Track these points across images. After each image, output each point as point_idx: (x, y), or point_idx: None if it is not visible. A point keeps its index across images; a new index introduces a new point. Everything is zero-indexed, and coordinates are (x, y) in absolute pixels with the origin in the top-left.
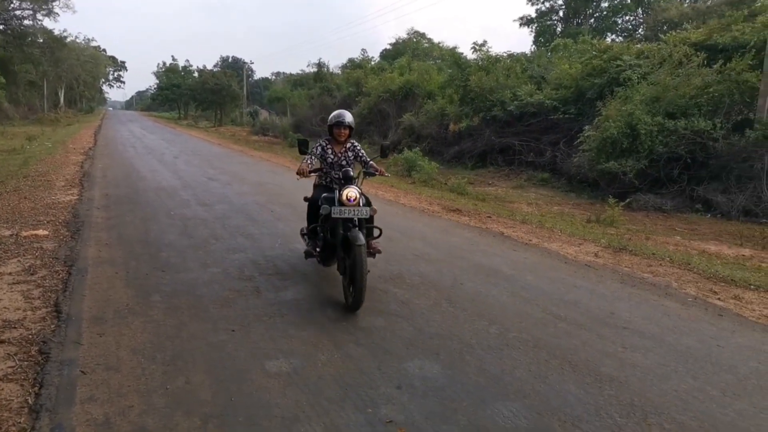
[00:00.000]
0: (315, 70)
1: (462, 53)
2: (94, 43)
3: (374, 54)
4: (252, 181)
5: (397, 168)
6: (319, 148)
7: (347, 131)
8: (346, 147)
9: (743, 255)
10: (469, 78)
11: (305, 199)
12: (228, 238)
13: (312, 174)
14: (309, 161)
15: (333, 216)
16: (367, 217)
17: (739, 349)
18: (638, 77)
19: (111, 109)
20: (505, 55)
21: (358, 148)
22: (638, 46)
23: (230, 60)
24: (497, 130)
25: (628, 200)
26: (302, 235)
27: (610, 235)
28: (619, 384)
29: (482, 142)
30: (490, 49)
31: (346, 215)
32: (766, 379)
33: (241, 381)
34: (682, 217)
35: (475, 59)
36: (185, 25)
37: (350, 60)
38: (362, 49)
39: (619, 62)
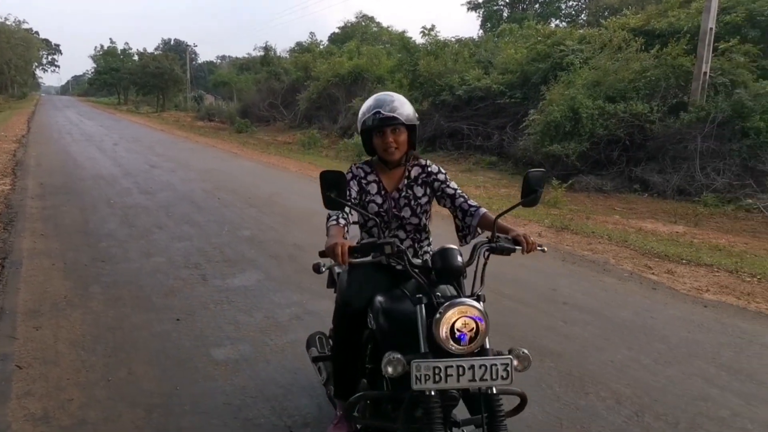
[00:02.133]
0: (262, 53)
1: (411, 38)
2: (25, 26)
3: (323, 38)
4: (198, 167)
5: (347, 153)
6: (354, 187)
7: (404, 135)
8: (408, 173)
9: (677, 232)
10: (418, 62)
11: (316, 269)
12: (172, 227)
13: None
14: (343, 223)
15: (416, 388)
16: (507, 382)
17: (671, 320)
18: (580, 62)
19: (45, 94)
20: (453, 39)
21: (436, 171)
22: (580, 31)
23: (172, 43)
24: (446, 114)
25: (570, 182)
26: (314, 360)
27: (553, 215)
28: (559, 356)
29: (432, 126)
30: (438, 34)
31: (455, 390)
32: (694, 347)
33: (186, 370)
34: (621, 197)
35: (423, 44)
36: (123, 4)
37: (298, 44)
38: (310, 33)
39: (562, 47)
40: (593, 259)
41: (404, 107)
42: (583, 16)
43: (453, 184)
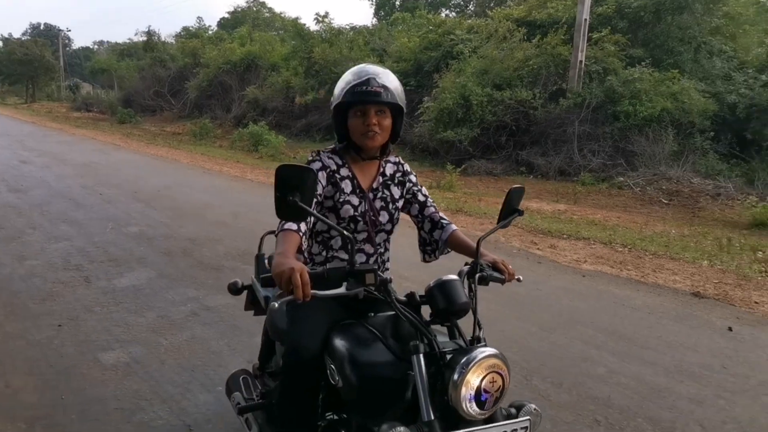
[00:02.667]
0: (145, 39)
1: (305, 24)
2: None
3: (211, 23)
4: (76, 161)
5: (243, 143)
6: (322, 181)
7: (389, 119)
8: (382, 170)
9: (559, 209)
10: (313, 50)
11: (233, 289)
12: (48, 227)
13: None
14: (303, 230)
15: None
16: None
17: (554, 290)
18: (469, 51)
19: None
20: (348, 27)
21: (409, 171)
22: (469, 21)
23: (42, 27)
24: None
25: (463, 166)
26: (240, 412)
27: (448, 199)
28: None
29: (329, 114)
30: (332, 21)
31: None
32: (575, 314)
33: (71, 378)
34: (510, 179)
35: (318, 31)
36: None
37: (185, 29)
38: (198, 17)
39: (452, 37)
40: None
41: (395, 84)
42: (471, 6)
43: (424, 190)
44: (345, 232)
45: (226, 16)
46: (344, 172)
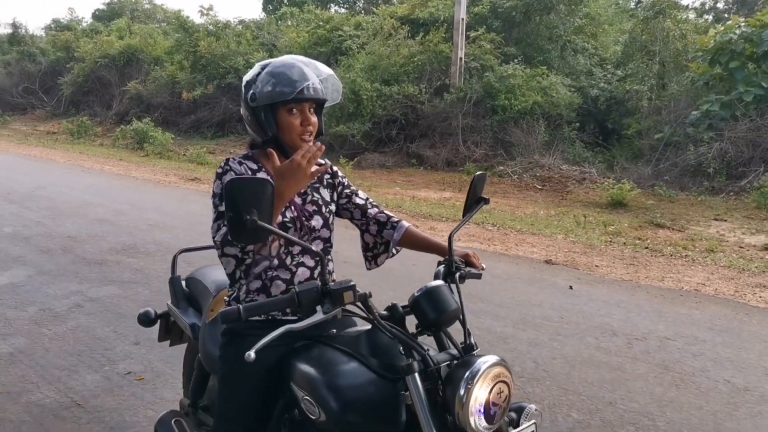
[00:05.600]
0: (10, 31)
1: (188, 17)
2: None
3: (85, 14)
4: None
5: (126, 141)
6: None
7: (315, 117)
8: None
9: (445, 197)
10: (199, 44)
11: (144, 320)
12: None
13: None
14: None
15: None
16: None
17: (427, 264)
18: (357, 47)
19: None
20: (235, 21)
21: (339, 173)
22: (356, 18)
23: None
24: (234, 98)
25: (356, 159)
26: None
27: None
28: None
29: (219, 110)
30: (218, 14)
31: None
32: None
33: None
34: (402, 171)
35: (203, 24)
36: None
37: (55, 21)
38: (69, 8)
39: (340, 33)
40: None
41: (317, 70)
42: (360, 3)
43: (361, 192)
44: (313, 248)
45: (102, 7)
46: (262, 176)
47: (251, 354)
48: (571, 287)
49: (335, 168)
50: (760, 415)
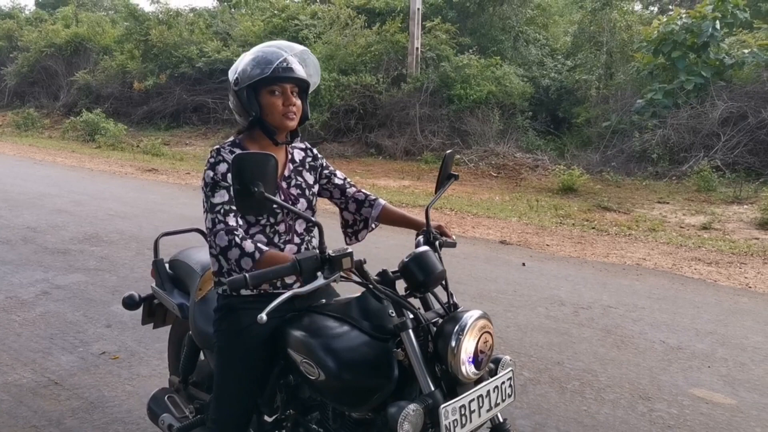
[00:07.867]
0: None
1: (138, 5)
2: None
3: (27, 2)
4: None
5: (77, 133)
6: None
7: (299, 100)
8: (291, 156)
9: (404, 185)
10: (150, 32)
11: (128, 303)
12: None
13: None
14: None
15: None
16: (512, 400)
17: (390, 247)
18: (314, 36)
19: None
20: (187, 9)
21: (319, 155)
22: (312, 7)
23: None
24: (188, 88)
25: (316, 150)
26: (177, 430)
27: None
28: None
29: (173, 100)
30: (168, 3)
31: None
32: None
33: None
34: (361, 160)
35: (154, 12)
36: None
37: None
38: None
39: (296, 22)
40: (335, 211)
41: (308, 52)
42: None
43: (339, 172)
44: (312, 218)
45: None
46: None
47: (263, 316)
48: (523, 264)
49: (315, 151)
50: (690, 369)
